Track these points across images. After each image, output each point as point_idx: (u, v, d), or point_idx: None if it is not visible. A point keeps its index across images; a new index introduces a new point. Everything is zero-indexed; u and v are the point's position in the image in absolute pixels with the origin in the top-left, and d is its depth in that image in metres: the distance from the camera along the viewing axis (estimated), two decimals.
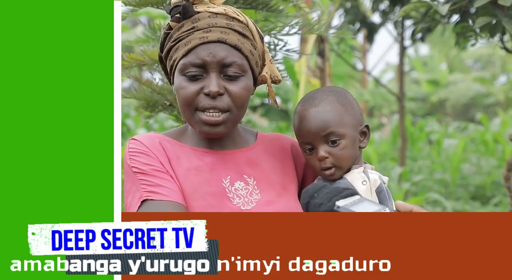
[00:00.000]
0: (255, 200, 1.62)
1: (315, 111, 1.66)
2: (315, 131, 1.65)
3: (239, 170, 1.66)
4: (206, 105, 1.58)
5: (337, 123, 1.65)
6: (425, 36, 6.23)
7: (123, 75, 2.53)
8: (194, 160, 1.63)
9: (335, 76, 10.86)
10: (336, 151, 1.65)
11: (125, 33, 8.10)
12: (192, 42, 1.59)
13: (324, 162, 1.65)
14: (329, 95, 1.69)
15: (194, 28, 1.60)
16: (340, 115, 1.66)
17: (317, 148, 1.66)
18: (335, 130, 1.65)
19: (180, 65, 1.60)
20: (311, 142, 1.66)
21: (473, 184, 8.22)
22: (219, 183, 1.61)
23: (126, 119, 9.41)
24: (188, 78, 1.59)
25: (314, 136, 1.65)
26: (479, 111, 17.39)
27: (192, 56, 1.59)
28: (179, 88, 1.60)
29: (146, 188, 1.54)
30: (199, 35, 1.59)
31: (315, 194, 1.40)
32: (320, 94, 1.70)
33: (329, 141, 1.65)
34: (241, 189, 1.63)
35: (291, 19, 2.53)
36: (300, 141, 1.69)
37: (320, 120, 1.65)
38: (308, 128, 1.66)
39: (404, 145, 7.36)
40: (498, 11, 2.66)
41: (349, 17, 6.60)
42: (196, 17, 1.62)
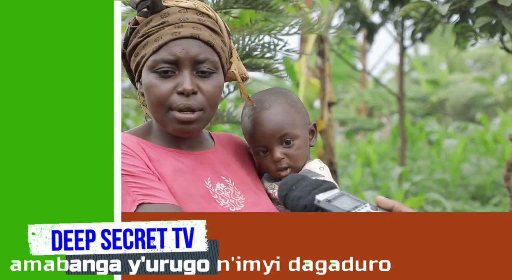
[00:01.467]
0: (241, 202, 1.60)
1: (268, 114, 1.67)
2: (270, 133, 1.66)
3: (216, 171, 1.63)
4: (181, 106, 1.53)
5: (290, 124, 1.67)
6: (425, 36, 6.24)
7: (123, 75, 2.53)
8: (174, 162, 1.58)
9: (335, 76, 10.85)
10: (291, 152, 1.68)
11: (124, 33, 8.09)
12: (164, 38, 1.53)
13: (280, 163, 1.68)
14: (278, 97, 1.71)
15: (165, 23, 1.55)
16: (291, 116, 1.68)
17: (273, 150, 1.68)
18: (289, 131, 1.67)
19: (151, 62, 1.54)
20: (266, 144, 1.68)
21: (473, 184, 8.22)
22: (203, 185, 1.58)
23: (126, 119, 9.41)
24: (159, 75, 1.54)
25: (269, 138, 1.67)
26: (479, 111, 17.39)
27: (164, 52, 1.53)
28: (150, 86, 1.54)
29: (138, 191, 1.47)
30: (170, 31, 1.54)
31: (294, 186, 1.36)
32: (268, 96, 1.71)
33: (284, 142, 1.67)
34: (223, 190, 1.60)
35: (291, 19, 2.53)
36: (254, 144, 1.70)
37: (274, 122, 1.66)
38: (262, 131, 1.67)
39: (404, 145, 7.36)
40: (498, 11, 2.66)
41: (349, 17, 6.60)
42: (166, 11, 1.56)
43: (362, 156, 10.03)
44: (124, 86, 5.36)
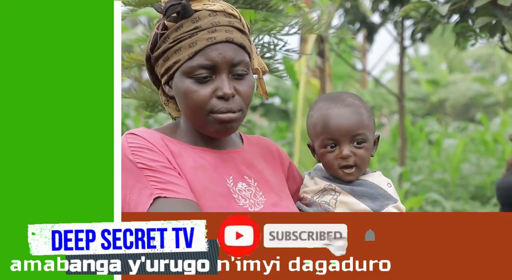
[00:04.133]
0: (261, 202, 1.60)
1: (348, 111, 1.69)
2: (347, 128, 1.68)
3: (239, 171, 1.63)
4: (222, 109, 1.55)
5: (365, 126, 1.69)
6: (425, 36, 6.24)
7: (123, 75, 2.53)
8: (196, 158, 1.58)
9: (335, 76, 10.85)
10: (360, 152, 1.69)
11: (125, 33, 8.10)
12: (199, 44, 1.54)
13: (347, 160, 1.68)
14: (356, 99, 1.74)
15: (198, 28, 1.55)
16: (367, 119, 1.71)
17: (342, 146, 1.68)
18: (364, 132, 1.69)
19: (186, 68, 1.54)
20: (337, 139, 1.68)
21: (473, 184, 8.22)
22: (224, 183, 1.58)
23: (126, 119, 9.41)
24: (196, 80, 1.54)
25: (344, 133, 1.68)
26: (479, 111, 17.39)
27: (200, 58, 1.54)
28: (188, 91, 1.55)
29: (156, 185, 1.47)
30: (205, 36, 1.54)
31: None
32: (346, 96, 1.74)
33: (355, 141, 1.69)
34: (244, 190, 1.60)
35: (291, 19, 2.53)
36: (324, 136, 1.70)
37: (353, 120, 1.68)
38: (338, 124, 1.68)
39: (404, 145, 7.36)
40: (498, 11, 2.66)
41: (349, 17, 6.60)
42: (196, 16, 1.56)
43: None
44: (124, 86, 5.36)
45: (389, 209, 1.54)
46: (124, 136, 1.55)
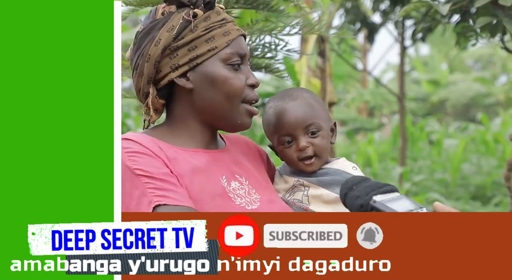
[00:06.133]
0: (257, 200, 1.62)
1: (295, 104, 1.73)
2: (297, 122, 1.71)
3: (230, 170, 1.64)
4: (254, 97, 1.63)
5: (315, 115, 1.73)
6: (426, 36, 6.23)
7: (124, 75, 2.53)
8: (190, 160, 1.57)
9: (335, 76, 10.86)
10: (317, 141, 1.72)
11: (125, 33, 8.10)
12: (232, 33, 1.61)
13: (305, 152, 1.71)
14: (303, 92, 1.78)
15: (225, 20, 1.62)
16: (317, 109, 1.74)
17: (298, 139, 1.71)
18: (315, 121, 1.72)
19: (225, 54, 1.59)
20: (291, 133, 1.71)
21: (473, 184, 8.22)
22: (219, 183, 1.58)
23: (126, 119, 9.41)
24: (232, 67, 1.60)
25: (296, 127, 1.71)
26: (479, 111, 17.38)
27: (236, 46, 1.61)
28: (226, 78, 1.59)
29: (155, 192, 1.46)
30: (233, 27, 1.63)
31: (354, 186, 1.39)
32: (293, 91, 1.77)
33: (309, 132, 1.72)
34: (238, 189, 1.61)
35: (292, 19, 2.53)
36: (279, 134, 1.73)
37: (301, 112, 1.71)
38: (289, 120, 1.71)
39: (404, 145, 7.36)
40: (499, 11, 2.66)
41: (349, 17, 6.60)
42: (217, 10, 1.63)
43: (363, 156, 10.03)
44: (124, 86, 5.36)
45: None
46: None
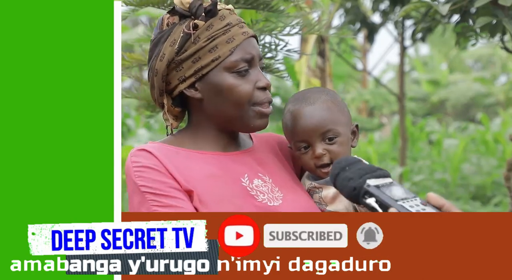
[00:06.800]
0: (279, 198, 1.61)
1: (312, 109, 1.67)
2: (313, 128, 1.65)
3: (253, 169, 1.64)
4: (265, 100, 1.61)
5: (333, 121, 1.66)
6: (426, 36, 6.22)
7: (124, 75, 2.53)
8: (206, 167, 1.57)
9: (335, 76, 10.85)
10: (334, 148, 1.66)
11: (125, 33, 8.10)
12: (237, 38, 1.58)
13: (321, 159, 1.66)
14: (322, 94, 1.71)
15: (229, 25, 1.59)
16: (335, 114, 1.68)
17: (314, 146, 1.66)
18: (333, 127, 1.66)
19: (229, 63, 1.57)
20: (307, 140, 1.67)
21: (473, 184, 8.21)
22: (239, 183, 1.58)
23: (126, 119, 9.41)
24: (237, 74, 1.58)
25: (312, 133, 1.66)
26: (479, 111, 17.37)
27: (240, 52, 1.58)
28: (232, 86, 1.57)
29: (158, 209, 1.47)
30: (239, 31, 1.59)
31: (347, 167, 1.36)
32: (312, 93, 1.71)
33: (326, 138, 1.66)
34: (261, 186, 1.61)
35: (292, 19, 2.53)
36: (295, 139, 1.69)
37: (318, 117, 1.66)
38: (304, 126, 1.66)
39: (404, 145, 7.36)
40: (499, 11, 2.66)
41: (349, 17, 6.59)
42: (221, 14, 1.60)
43: (363, 156, 10.02)
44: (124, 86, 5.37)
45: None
46: (130, 155, 1.55)
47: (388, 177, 1.36)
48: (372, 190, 1.31)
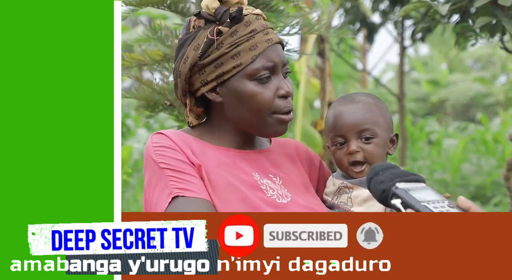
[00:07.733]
0: (288, 196, 1.62)
1: (354, 107, 1.70)
2: (352, 124, 1.68)
3: (264, 169, 1.65)
4: (286, 109, 1.61)
5: (373, 121, 1.69)
6: (425, 36, 6.23)
7: (124, 75, 2.53)
8: (220, 157, 1.61)
9: (335, 76, 10.84)
10: (369, 148, 1.68)
11: (125, 33, 8.10)
12: (260, 46, 1.58)
13: (354, 156, 1.68)
14: (368, 97, 1.74)
15: (254, 32, 1.58)
16: (377, 116, 1.70)
17: (349, 142, 1.68)
18: (371, 127, 1.68)
19: (250, 70, 1.57)
20: (344, 135, 1.69)
21: (473, 184, 8.22)
22: (251, 177, 1.60)
23: (126, 119, 9.41)
24: (259, 81, 1.58)
25: (350, 129, 1.68)
26: (479, 111, 17.38)
27: (262, 59, 1.58)
28: (253, 94, 1.58)
29: (176, 184, 1.51)
30: (263, 38, 1.59)
31: (380, 172, 1.37)
32: (358, 95, 1.74)
33: (363, 137, 1.68)
34: (270, 184, 1.62)
35: (292, 19, 2.53)
36: (333, 134, 1.71)
37: (358, 115, 1.69)
38: (344, 121, 1.69)
39: (404, 145, 7.36)
40: (498, 11, 2.66)
41: (349, 17, 6.60)
42: (247, 20, 1.59)
43: None
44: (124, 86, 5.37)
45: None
46: (151, 136, 1.59)
47: (420, 182, 1.36)
48: (399, 192, 1.31)
